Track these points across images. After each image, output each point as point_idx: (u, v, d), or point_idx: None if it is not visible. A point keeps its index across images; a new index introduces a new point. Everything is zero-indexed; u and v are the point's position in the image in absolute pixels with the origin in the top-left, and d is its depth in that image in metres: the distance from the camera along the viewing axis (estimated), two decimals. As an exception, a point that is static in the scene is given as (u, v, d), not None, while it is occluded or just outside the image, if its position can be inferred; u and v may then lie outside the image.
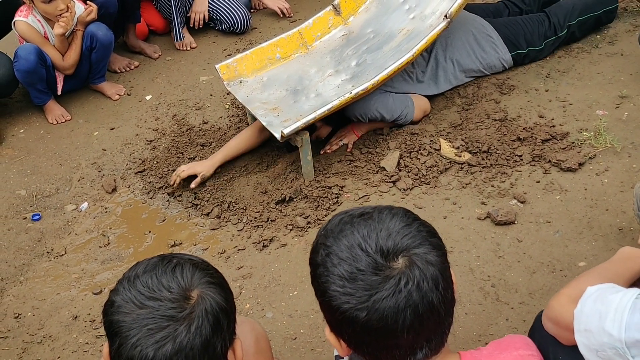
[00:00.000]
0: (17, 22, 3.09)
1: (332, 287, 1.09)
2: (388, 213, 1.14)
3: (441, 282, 1.08)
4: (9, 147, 3.18)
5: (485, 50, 3.00)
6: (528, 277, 2.17)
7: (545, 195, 2.47)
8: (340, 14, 3.05)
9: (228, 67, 2.86)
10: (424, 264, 1.07)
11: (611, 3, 3.16)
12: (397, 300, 1.05)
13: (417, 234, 1.10)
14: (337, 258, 1.10)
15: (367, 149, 2.77)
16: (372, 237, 1.10)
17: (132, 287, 1.13)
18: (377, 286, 1.06)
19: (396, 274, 1.06)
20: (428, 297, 1.06)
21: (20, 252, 2.61)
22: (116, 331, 1.10)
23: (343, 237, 1.12)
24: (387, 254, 1.08)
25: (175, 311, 1.09)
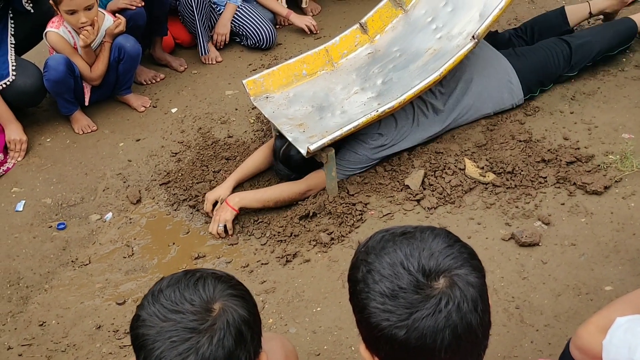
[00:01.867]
0: (48, 32, 3.15)
1: (372, 304, 1.09)
2: (430, 233, 1.15)
3: (480, 304, 1.09)
4: (36, 155, 3.23)
5: (503, 97, 2.96)
6: (553, 299, 2.16)
7: (571, 218, 2.46)
8: (367, 32, 3.08)
9: (255, 83, 2.89)
10: (465, 285, 1.08)
11: (629, 41, 3.17)
12: (436, 320, 1.05)
13: (458, 255, 1.11)
14: (379, 275, 1.11)
15: (392, 167, 2.78)
16: (415, 256, 1.11)
17: (156, 301, 1.15)
18: (417, 305, 1.06)
19: (437, 293, 1.07)
20: (467, 318, 1.07)
21: (45, 260, 2.64)
22: (141, 344, 1.13)
23: (385, 255, 1.13)
24: (429, 274, 1.09)
25: (197, 323, 1.11)
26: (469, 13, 2.92)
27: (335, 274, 2.39)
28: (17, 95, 3.16)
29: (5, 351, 2.26)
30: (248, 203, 2.65)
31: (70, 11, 3.02)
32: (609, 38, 3.10)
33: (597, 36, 3.10)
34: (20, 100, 3.22)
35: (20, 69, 3.17)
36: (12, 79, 3.12)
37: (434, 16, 3.03)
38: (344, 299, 2.26)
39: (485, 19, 2.71)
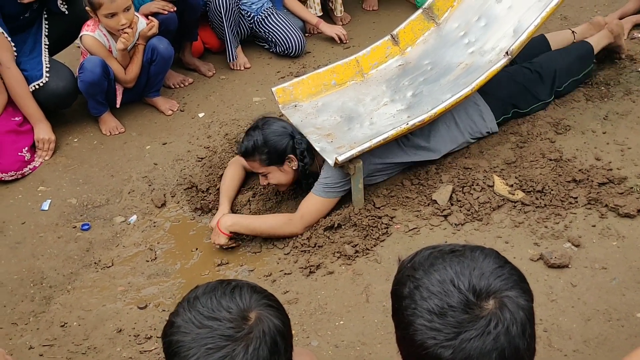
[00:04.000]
0: (84, 36, 3.17)
1: (419, 321, 1.07)
2: (481, 253, 1.13)
3: (528, 329, 1.07)
4: (63, 155, 3.24)
5: (474, 121, 2.85)
6: (582, 324, 2.11)
7: (602, 241, 2.41)
8: (398, 44, 3.05)
9: (284, 91, 2.88)
10: (515, 307, 1.05)
11: (589, 64, 3.13)
12: (484, 342, 1.03)
13: (509, 277, 1.09)
14: (427, 292, 1.09)
15: (419, 181, 2.75)
16: (466, 275, 1.09)
17: (192, 308, 1.14)
18: (466, 325, 1.04)
19: (487, 314, 1.05)
20: (515, 342, 1.04)
21: (69, 260, 2.64)
22: (175, 351, 1.11)
23: (435, 271, 1.11)
24: (479, 294, 1.07)
25: (233, 331, 1.09)
26: (502, 28, 2.89)
27: (359, 288, 2.36)
28: (49, 98, 3.19)
29: (26, 350, 2.26)
30: (239, 229, 2.58)
31: (110, 14, 3.05)
32: (565, 55, 3.11)
33: (551, 55, 3.14)
34: (52, 103, 3.24)
35: (54, 71, 3.19)
36: (46, 80, 3.15)
37: (466, 30, 3.00)
38: (368, 313, 2.25)
39: (520, 35, 2.68)
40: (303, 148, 2.62)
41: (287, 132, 2.62)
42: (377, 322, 2.21)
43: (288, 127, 2.65)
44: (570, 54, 3.13)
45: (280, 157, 2.60)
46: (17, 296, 2.48)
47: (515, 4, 2.92)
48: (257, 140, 2.58)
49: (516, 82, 2.97)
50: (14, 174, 3.05)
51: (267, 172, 2.63)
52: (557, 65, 3.05)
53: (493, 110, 2.88)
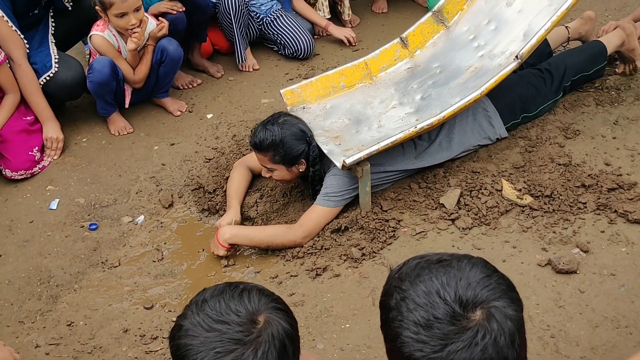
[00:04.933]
0: (93, 36, 3.18)
1: (406, 333, 1.06)
2: (468, 262, 1.11)
3: (517, 339, 1.05)
4: (72, 154, 3.25)
5: (483, 127, 2.82)
6: (590, 330, 2.10)
7: (610, 247, 2.40)
8: (407, 46, 3.05)
9: (292, 93, 2.88)
10: (503, 318, 1.04)
11: (601, 62, 3.12)
12: (472, 354, 1.02)
13: (497, 287, 1.08)
14: (413, 303, 1.08)
15: (427, 184, 2.74)
16: (452, 286, 1.08)
17: (200, 311, 1.13)
18: (452, 337, 1.03)
19: (473, 325, 1.04)
20: (504, 352, 1.03)
21: (76, 260, 2.65)
22: (183, 355, 1.10)
23: (420, 283, 1.10)
24: (465, 304, 1.05)
25: (242, 334, 1.09)
26: (512, 32, 2.88)
27: (365, 291, 2.35)
28: (59, 88, 3.20)
29: (33, 349, 2.27)
30: (238, 241, 2.57)
31: (120, 14, 3.05)
32: (576, 54, 3.12)
33: (563, 54, 3.15)
34: (61, 93, 3.25)
35: (62, 62, 3.21)
36: (55, 71, 3.16)
37: (476, 34, 2.99)
38: (374, 316, 2.23)
39: (530, 39, 2.66)
40: (316, 155, 2.60)
41: (305, 137, 2.57)
42: (383, 325, 2.20)
43: (307, 130, 2.61)
44: (582, 52, 3.13)
45: (293, 160, 2.58)
46: (24, 294, 2.49)
47: (526, 7, 2.90)
48: (274, 138, 2.52)
49: (525, 85, 2.95)
50: (24, 173, 3.06)
51: (274, 169, 2.60)
52: (568, 63, 3.05)
53: (502, 116, 2.86)
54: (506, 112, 2.87)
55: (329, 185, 2.60)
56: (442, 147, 2.76)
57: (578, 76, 3.07)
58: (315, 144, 2.59)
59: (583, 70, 3.08)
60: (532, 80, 2.97)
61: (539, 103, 2.97)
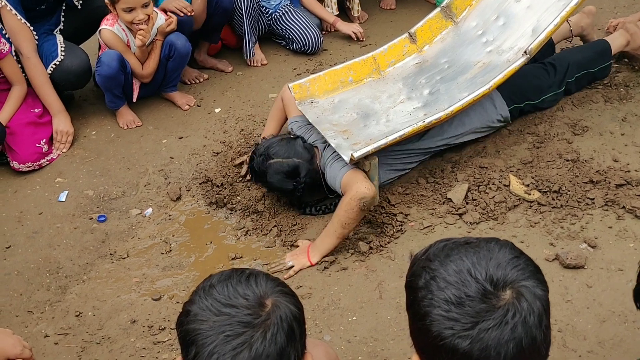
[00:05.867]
0: (102, 30, 3.20)
1: (436, 311, 1.06)
2: (496, 244, 1.13)
3: (545, 320, 1.06)
4: (81, 147, 3.27)
5: (485, 108, 2.82)
6: (598, 325, 2.10)
7: (618, 242, 2.39)
8: (415, 42, 3.05)
9: (301, 87, 2.88)
10: (532, 297, 1.05)
11: (606, 60, 3.11)
12: (502, 332, 1.03)
13: (525, 267, 1.09)
14: (444, 282, 1.08)
15: (434, 179, 2.74)
16: (482, 265, 1.08)
17: (208, 296, 1.14)
18: (484, 314, 1.04)
19: (504, 304, 1.04)
20: (532, 332, 1.04)
21: (84, 251, 2.66)
22: (192, 340, 1.10)
23: (451, 262, 1.11)
24: (496, 283, 1.06)
25: (251, 317, 1.09)
26: (521, 27, 2.88)
27: (372, 284, 2.36)
28: (65, 76, 3.22)
29: (42, 339, 2.29)
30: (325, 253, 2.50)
31: (128, 9, 3.07)
32: (580, 51, 3.13)
33: (567, 52, 3.17)
34: (67, 81, 3.27)
35: (68, 50, 3.23)
36: (61, 59, 3.18)
37: (484, 29, 2.99)
38: (381, 309, 2.24)
39: (539, 35, 2.66)
40: (303, 190, 2.63)
41: (291, 182, 2.60)
42: (390, 318, 2.21)
43: (298, 170, 2.60)
44: (586, 50, 3.14)
45: (283, 194, 2.72)
46: (33, 285, 2.51)
47: (535, 3, 2.90)
48: (261, 177, 2.66)
49: (529, 75, 2.96)
50: (31, 165, 3.08)
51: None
52: (571, 59, 3.05)
53: (505, 99, 2.87)
54: (509, 97, 2.88)
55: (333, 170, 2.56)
56: (443, 127, 2.76)
57: (582, 73, 3.06)
58: (302, 185, 2.61)
59: (587, 68, 3.07)
60: (535, 72, 2.99)
61: (541, 93, 2.97)
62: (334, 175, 2.55)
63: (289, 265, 2.48)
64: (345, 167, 2.53)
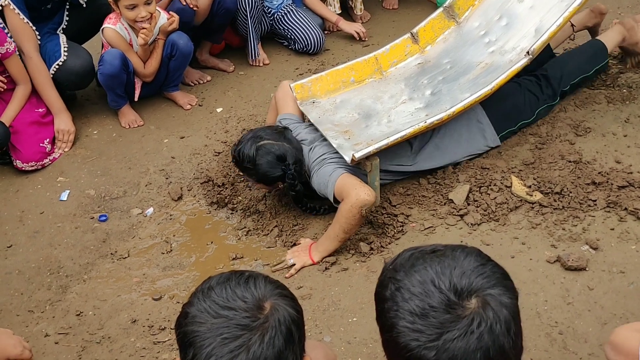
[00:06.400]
0: (105, 28, 3.20)
1: (401, 323, 1.06)
2: (462, 252, 1.12)
3: (513, 327, 1.06)
4: (82, 147, 3.27)
5: (473, 138, 2.77)
6: (599, 327, 2.09)
7: (620, 244, 2.38)
8: (417, 42, 3.04)
9: (302, 87, 2.88)
10: (498, 306, 1.04)
11: (601, 61, 3.05)
12: (468, 342, 1.02)
13: (491, 275, 1.08)
14: (409, 293, 1.08)
15: (436, 180, 2.73)
16: (446, 274, 1.08)
17: (206, 298, 1.14)
18: (448, 325, 1.03)
19: (469, 313, 1.04)
20: (500, 341, 1.03)
21: (85, 251, 2.66)
22: (190, 341, 1.10)
23: (415, 272, 1.10)
24: (460, 293, 1.06)
25: (249, 320, 1.09)
26: (524, 28, 2.87)
27: (373, 285, 2.30)
28: (68, 76, 3.22)
29: (42, 338, 2.29)
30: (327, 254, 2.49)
31: (131, 6, 3.07)
32: (575, 56, 3.06)
33: (562, 58, 3.06)
34: (70, 81, 3.28)
35: (71, 50, 3.23)
36: (64, 59, 3.18)
37: (487, 30, 2.98)
38: (381, 311, 2.24)
39: (542, 35, 2.65)
40: (293, 179, 2.54)
41: (280, 166, 2.53)
42: (391, 319, 2.20)
43: (286, 153, 2.54)
44: (581, 54, 3.07)
45: (269, 183, 2.62)
46: (34, 284, 2.51)
47: (537, 3, 2.89)
48: (249, 164, 2.55)
49: (521, 93, 2.88)
50: (34, 165, 3.09)
51: (254, 185, 2.71)
52: (565, 69, 2.98)
53: (497, 125, 2.80)
54: (501, 121, 2.82)
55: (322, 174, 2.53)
56: (432, 156, 2.72)
57: (578, 79, 3.01)
58: (292, 171, 2.53)
59: (583, 72, 3.02)
60: (529, 87, 2.91)
61: (535, 108, 2.91)
62: (323, 182, 2.51)
63: (290, 264, 2.48)
64: (335, 172, 2.49)
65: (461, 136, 2.76)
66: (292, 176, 2.54)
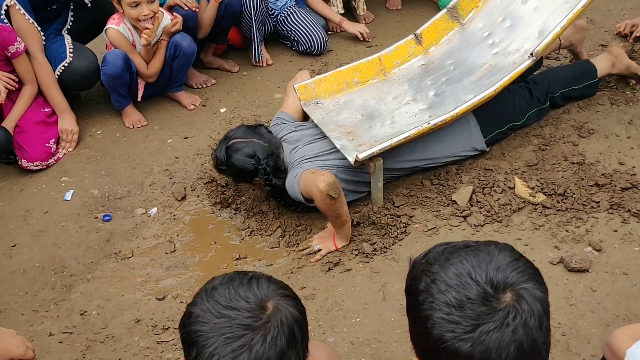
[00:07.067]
0: (108, 29, 3.21)
1: (437, 314, 1.07)
2: (495, 247, 1.13)
3: (545, 322, 1.07)
4: (86, 147, 3.28)
5: (459, 140, 2.75)
6: (602, 329, 2.09)
7: (623, 246, 2.39)
8: (421, 43, 3.04)
9: (306, 88, 2.89)
10: (532, 299, 1.05)
11: (591, 78, 3.02)
12: (503, 334, 1.03)
13: (525, 270, 1.09)
14: (445, 285, 1.09)
15: (439, 181, 2.74)
16: (482, 268, 1.09)
17: (210, 298, 1.15)
18: (484, 317, 1.04)
19: (504, 306, 1.04)
20: (533, 335, 1.04)
21: (89, 250, 2.67)
22: (194, 341, 1.11)
23: (451, 265, 1.11)
24: (497, 286, 1.06)
25: (251, 320, 1.10)
26: (527, 30, 2.87)
27: (376, 286, 2.36)
28: (73, 77, 3.23)
29: (46, 337, 2.30)
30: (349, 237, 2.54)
31: (134, 3, 3.07)
32: (562, 71, 3.06)
33: (550, 72, 3.06)
34: (75, 82, 3.29)
35: (77, 51, 3.25)
36: (70, 60, 3.19)
37: (490, 31, 2.99)
38: (384, 311, 2.25)
39: (545, 37, 2.66)
40: (268, 173, 2.56)
41: (250, 162, 2.55)
42: (394, 320, 2.21)
43: (256, 151, 2.56)
44: (569, 70, 3.07)
45: (246, 179, 2.65)
46: (38, 284, 2.52)
47: (541, 5, 2.90)
48: (221, 163, 2.62)
49: (510, 96, 2.86)
50: (39, 164, 3.10)
51: (239, 185, 2.76)
52: (553, 77, 2.98)
53: (485, 127, 2.78)
54: (490, 123, 2.80)
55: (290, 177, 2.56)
56: (415, 150, 2.70)
57: (567, 89, 2.99)
58: (264, 165, 2.55)
59: (571, 84, 3.00)
60: (518, 91, 2.90)
61: (525, 111, 2.89)
62: (291, 184, 2.53)
63: (316, 249, 2.52)
64: (298, 175, 2.51)
65: (447, 136, 2.75)
66: (264, 171, 2.56)
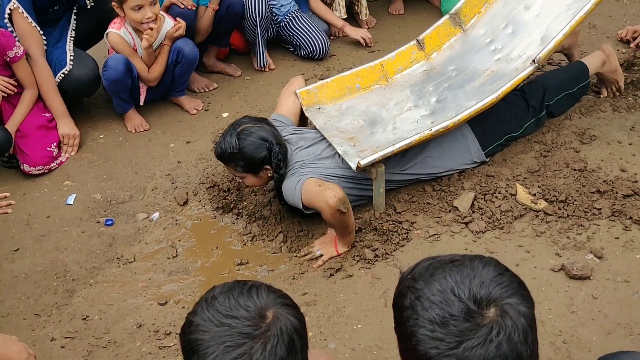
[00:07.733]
0: (109, 33, 3.22)
1: (421, 331, 1.08)
2: (480, 261, 1.13)
3: (530, 336, 1.07)
4: (89, 151, 3.29)
5: (458, 154, 2.75)
6: (603, 337, 2.10)
7: (625, 253, 2.39)
8: (423, 49, 3.05)
9: (308, 93, 2.89)
10: (516, 315, 1.06)
11: (583, 80, 3.01)
12: (487, 350, 1.04)
13: (509, 284, 1.10)
14: (428, 302, 1.09)
15: (441, 187, 2.74)
16: (465, 284, 1.09)
17: (210, 307, 1.16)
18: (468, 333, 1.05)
19: (488, 322, 1.05)
20: (518, 349, 1.05)
21: (91, 255, 2.68)
22: (194, 349, 1.12)
23: (435, 281, 1.12)
24: (480, 302, 1.07)
25: (251, 329, 1.11)
26: (530, 36, 2.88)
27: (377, 292, 2.36)
28: (73, 84, 3.24)
29: (48, 342, 2.30)
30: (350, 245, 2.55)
31: (137, 6, 3.08)
32: (556, 75, 3.03)
33: (543, 76, 3.05)
34: (76, 90, 3.30)
35: (77, 59, 3.25)
36: (70, 68, 3.20)
37: (493, 37, 2.99)
38: (386, 317, 2.25)
39: (548, 43, 2.67)
40: (279, 160, 2.52)
41: (264, 145, 2.49)
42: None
43: (268, 136, 2.52)
44: (562, 73, 3.06)
45: (256, 168, 2.54)
46: (40, 288, 2.53)
47: (544, 11, 2.90)
48: (233, 149, 2.49)
49: (506, 108, 2.84)
50: (41, 169, 3.11)
51: (242, 177, 2.60)
52: (547, 83, 2.96)
53: (483, 141, 2.78)
54: (487, 137, 2.80)
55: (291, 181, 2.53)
56: (416, 164, 2.71)
57: (562, 95, 2.97)
58: (277, 150, 2.51)
59: (565, 89, 2.98)
60: (514, 101, 2.88)
61: (522, 122, 2.88)
62: (291, 190, 2.50)
63: (318, 254, 2.52)
64: (300, 182, 2.47)
65: (446, 151, 2.74)
66: (278, 155, 2.51)
